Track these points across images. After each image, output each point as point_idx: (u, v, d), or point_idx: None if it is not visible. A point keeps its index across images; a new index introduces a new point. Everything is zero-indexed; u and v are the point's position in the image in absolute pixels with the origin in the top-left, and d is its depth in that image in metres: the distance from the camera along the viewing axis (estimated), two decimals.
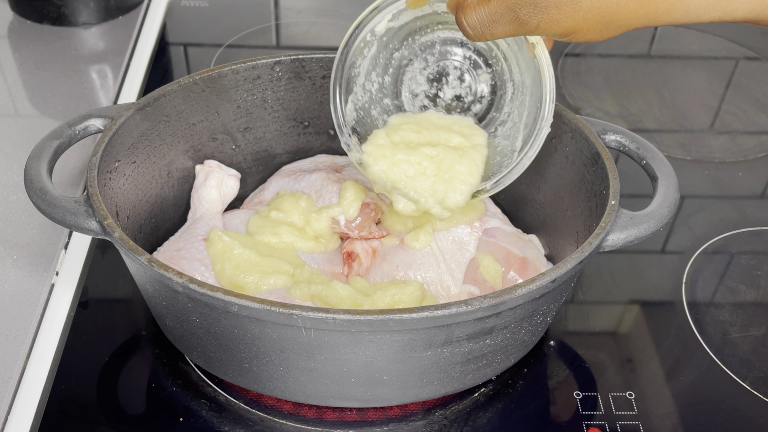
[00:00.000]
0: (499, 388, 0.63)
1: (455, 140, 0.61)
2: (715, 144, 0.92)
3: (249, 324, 0.52)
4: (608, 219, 0.57)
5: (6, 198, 0.76)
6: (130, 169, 0.65)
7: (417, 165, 0.60)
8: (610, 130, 0.66)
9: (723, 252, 0.77)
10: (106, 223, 0.55)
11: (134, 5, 1.07)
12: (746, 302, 0.72)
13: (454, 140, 0.61)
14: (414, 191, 0.60)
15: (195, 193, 0.71)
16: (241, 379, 0.59)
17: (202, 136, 0.72)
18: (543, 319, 0.59)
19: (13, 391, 0.61)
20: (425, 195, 0.60)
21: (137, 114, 0.65)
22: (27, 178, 0.58)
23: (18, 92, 0.92)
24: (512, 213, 0.74)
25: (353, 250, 0.67)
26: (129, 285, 0.69)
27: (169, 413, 0.60)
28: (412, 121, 0.62)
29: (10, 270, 0.69)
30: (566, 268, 0.53)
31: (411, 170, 0.60)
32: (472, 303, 0.50)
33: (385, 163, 0.60)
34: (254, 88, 0.72)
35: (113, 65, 0.97)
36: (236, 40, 1.05)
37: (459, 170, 0.60)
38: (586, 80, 1.02)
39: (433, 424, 0.60)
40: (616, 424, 0.60)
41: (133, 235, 0.64)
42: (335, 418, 0.60)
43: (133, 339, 0.65)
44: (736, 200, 0.84)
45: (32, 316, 0.65)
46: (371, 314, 0.49)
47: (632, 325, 0.69)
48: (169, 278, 0.51)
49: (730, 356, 0.66)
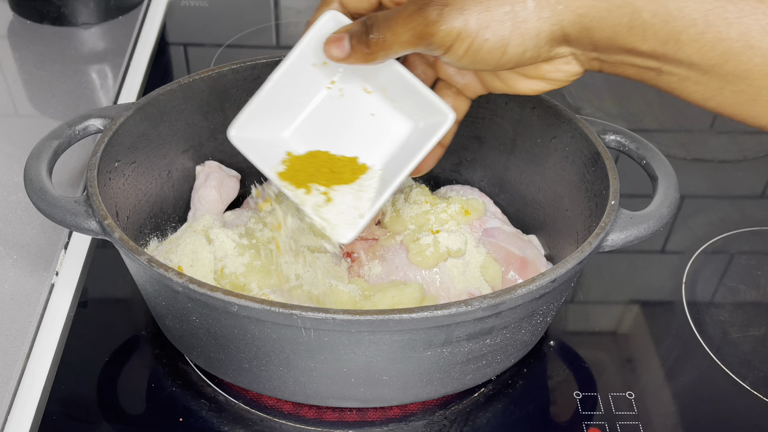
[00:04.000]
0: (499, 388, 0.63)
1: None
2: (715, 144, 0.92)
3: (249, 324, 0.52)
4: (608, 219, 0.57)
5: (6, 198, 0.76)
6: (129, 169, 0.65)
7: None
8: (610, 130, 0.66)
9: (723, 252, 0.77)
10: (106, 223, 0.55)
11: (134, 5, 1.07)
12: (746, 302, 0.72)
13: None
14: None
15: (195, 193, 0.71)
16: (241, 379, 0.59)
17: (202, 136, 0.72)
18: (543, 319, 0.59)
19: (13, 391, 0.61)
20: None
21: (137, 114, 0.65)
22: (27, 178, 0.58)
23: (18, 92, 0.92)
24: (512, 213, 0.74)
25: (353, 251, 0.67)
26: (129, 285, 0.69)
27: (169, 413, 0.60)
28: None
29: (10, 270, 0.69)
30: (566, 268, 0.53)
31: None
32: (471, 303, 0.50)
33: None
34: (254, 88, 0.71)
35: (113, 65, 0.97)
36: (236, 40, 1.05)
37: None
38: (586, 80, 1.02)
39: (433, 424, 0.60)
40: (616, 424, 0.60)
41: (133, 235, 0.64)
42: (335, 418, 0.60)
43: (133, 339, 0.65)
44: (736, 200, 0.84)
45: (32, 316, 0.65)
46: (371, 314, 0.49)
47: (632, 325, 0.69)
48: (169, 278, 0.51)
49: (730, 356, 0.66)
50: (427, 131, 0.55)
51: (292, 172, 0.57)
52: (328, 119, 0.58)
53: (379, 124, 0.58)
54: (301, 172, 0.57)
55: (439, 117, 0.54)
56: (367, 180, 0.57)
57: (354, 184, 0.57)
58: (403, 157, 0.56)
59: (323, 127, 0.58)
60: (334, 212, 0.55)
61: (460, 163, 0.76)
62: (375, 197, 0.56)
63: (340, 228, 0.55)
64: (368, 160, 0.58)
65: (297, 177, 0.57)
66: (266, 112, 0.57)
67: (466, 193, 0.72)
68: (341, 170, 0.57)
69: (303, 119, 0.59)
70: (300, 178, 0.57)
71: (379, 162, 0.58)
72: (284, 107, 0.58)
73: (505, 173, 0.73)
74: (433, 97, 0.54)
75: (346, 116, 0.58)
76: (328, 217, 0.55)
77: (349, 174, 0.57)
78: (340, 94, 0.58)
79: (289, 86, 0.56)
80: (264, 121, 0.57)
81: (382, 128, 0.58)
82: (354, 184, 0.57)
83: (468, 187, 0.74)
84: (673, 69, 0.48)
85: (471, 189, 0.73)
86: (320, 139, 0.58)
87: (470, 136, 0.74)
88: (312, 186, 0.56)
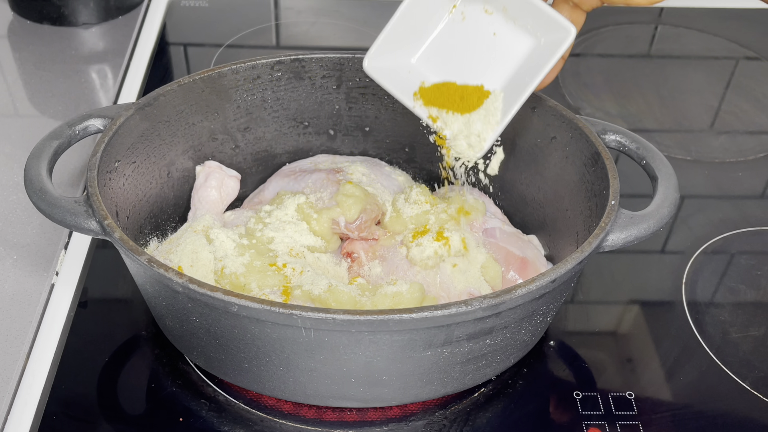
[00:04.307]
0: (499, 388, 0.63)
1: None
2: (715, 144, 0.92)
3: (249, 324, 0.52)
4: (608, 219, 0.57)
5: (6, 198, 0.76)
6: (130, 169, 0.65)
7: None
8: (610, 130, 0.66)
9: (723, 252, 0.77)
10: (106, 224, 0.55)
11: (134, 5, 1.07)
12: (746, 302, 0.72)
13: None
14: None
15: (195, 193, 0.71)
16: (241, 379, 0.59)
17: (202, 136, 0.72)
18: (543, 319, 0.59)
19: (13, 391, 0.61)
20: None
21: (137, 114, 0.65)
22: (27, 178, 0.58)
23: (18, 92, 0.92)
24: (512, 213, 0.74)
25: (353, 251, 0.67)
26: (129, 285, 0.69)
27: (169, 413, 0.60)
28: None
29: (10, 270, 0.69)
30: (566, 268, 0.53)
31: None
32: (471, 303, 0.50)
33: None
34: (254, 88, 0.72)
35: (113, 65, 0.97)
36: (236, 40, 1.05)
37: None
38: (586, 80, 1.02)
39: (433, 424, 0.60)
40: (616, 424, 0.60)
41: (133, 235, 0.64)
42: (335, 418, 0.60)
43: (133, 339, 0.65)
44: (736, 200, 0.84)
45: (32, 316, 0.66)
46: (371, 314, 0.49)
47: (632, 325, 0.69)
48: (169, 278, 0.51)
49: (730, 356, 0.66)
50: (549, 47, 0.57)
51: (428, 97, 0.61)
52: (453, 44, 0.61)
53: (501, 45, 0.60)
54: (437, 99, 0.61)
55: (560, 33, 0.56)
56: (492, 103, 0.60)
57: (481, 109, 0.60)
58: (526, 74, 0.58)
59: (449, 52, 0.62)
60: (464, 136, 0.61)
61: None
62: (501, 118, 0.59)
63: (469, 150, 0.60)
64: (492, 83, 0.60)
65: (435, 102, 0.61)
66: (395, 42, 0.60)
67: (466, 193, 0.72)
68: (469, 97, 0.60)
69: (428, 45, 0.62)
70: (438, 102, 0.61)
71: (500, 83, 0.60)
72: (411, 35, 0.61)
73: (505, 173, 0.73)
74: (552, 13, 0.56)
75: (469, 39, 0.61)
76: (470, 130, 0.60)
77: (475, 100, 0.60)
78: (462, 17, 0.60)
79: (414, 14, 0.60)
80: (393, 51, 0.61)
81: (505, 48, 0.60)
82: (481, 109, 0.60)
83: (468, 187, 0.74)
84: None
85: (471, 189, 0.73)
86: (446, 63, 0.62)
87: None
88: (444, 113, 0.61)
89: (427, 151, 0.76)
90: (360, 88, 0.74)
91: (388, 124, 0.76)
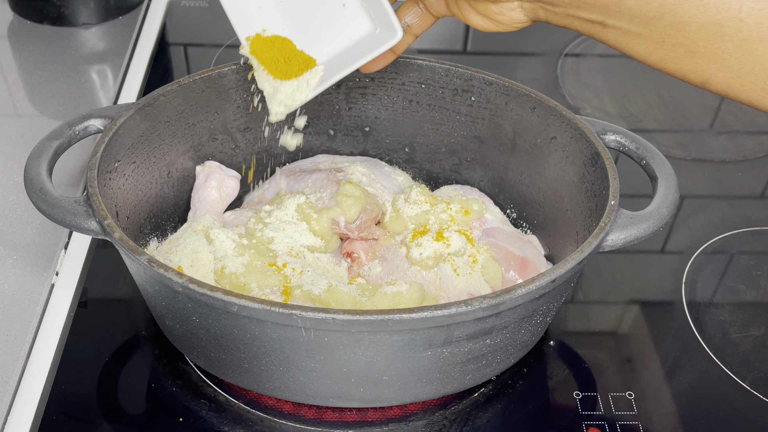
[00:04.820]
0: (499, 388, 0.63)
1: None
2: (715, 144, 0.92)
3: (249, 324, 0.52)
4: (608, 219, 0.57)
5: (6, 198, 0.77)
6: (129, 169, 0.65)
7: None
8: (610, 130, 0.66)
9: (723, 252, 0.77)
10: (106, 224, 0.55)
11: (134, 5, 1.07)
12: (746, 302, 0.72)
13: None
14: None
15: (195, 193, 0.71)
16: (241, 379, 0.59)
17: (202, 136, 0.72)
18: (543, 319, 0.59)
19: (13, 391, 0.61)
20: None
21: (137, 114, 0.65)
22: (27, 178, 0.58)
23: (18, 92, 0.92)
24: (512, 213, 0.74)
25: (353, 251, 0.67)
26: (129, 285, 0.69)
27: (169, 413, 0.60)
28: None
29: (10, 270, 0.69)
30: (566, 268, 0.53)
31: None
32: (471, 303, 0.50)
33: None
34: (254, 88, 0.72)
35: (113, 65, 0.97)
36: (236, 40, 1.05)
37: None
38: (586, 80, 1.02)
39: (433, 424, 0.60)
40: (616, 424, 0.60)
41: (133, 235, 0.64)
42: (335, 418, 0.60)
43: (133, 339, 0.65)
44: (736, 200, 0.84)
45: (32, 316, 0.66)
46: (371, 314, 0.49)
47: (632, 325, 0.69)
48: (169, 278, 0.51)
49: (730, 356, 0.66)
50: (377, 40, 0.59)
51: (257, 47, 0.62)
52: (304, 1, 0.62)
53: (344, 18, 0.61)
54: (263, 53, 0.62)
55: (389, 31, 0.58)
56: (309, 78, 0.61)
57: (294, 80, 0.61)
58: (349, 56, 0.60)
59: (298, 6, 0.62)
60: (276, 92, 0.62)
61: (460, 163, 0.76)
62: (305, 96, 0.61)
63: (273, 104, 0.62)
64: (320, 54, 0.62)
65: (259, 55, 0.62)
66: None
67: (466, 193, 0.72)
68: (294, 63, 0.62)
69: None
70: (261, 57, 0.62)
71: (326, 56, 0.62)
72: None
73: (505, 173, 0.73)
74: (389, 11, 0.58)
75: (320, 1, 0.61)
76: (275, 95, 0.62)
77: (296, 70, 0.61)
78: None
79: None
80: None
81: (346, 23, 0.61)
82: (294, 80, 0.61)
83: (468, 187, 0.74)
84: (616, 22, 0.49)
85: (471, 189, 0.73)
86: (292, 18, 0.62)
87: (470, 136, 0.74)
88: (261, 70, 0.62)
89: (427, 151, 0.76)
90: (360, 88, 0.74)
91: (388, 124, 0.76)
